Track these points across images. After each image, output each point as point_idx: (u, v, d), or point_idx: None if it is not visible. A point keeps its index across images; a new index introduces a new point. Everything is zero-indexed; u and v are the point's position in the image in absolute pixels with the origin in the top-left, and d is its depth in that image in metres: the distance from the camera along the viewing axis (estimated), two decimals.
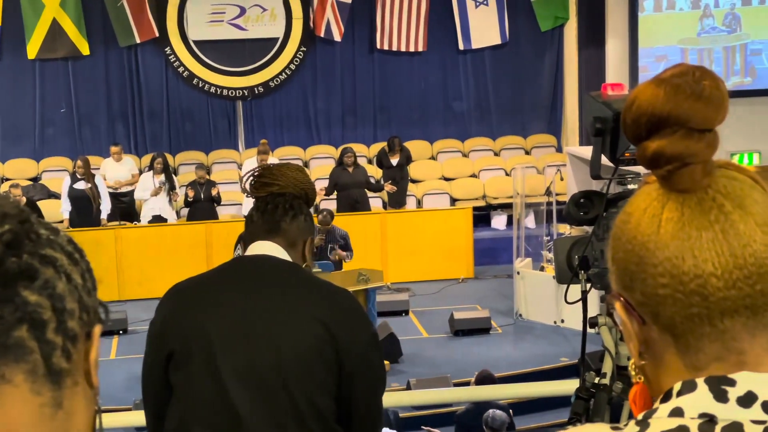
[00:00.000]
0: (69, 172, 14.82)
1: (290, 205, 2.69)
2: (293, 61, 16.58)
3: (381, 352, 2.69)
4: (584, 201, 2.67)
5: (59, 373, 0.91)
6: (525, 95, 17.01)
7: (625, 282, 1.10)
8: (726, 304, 1.04)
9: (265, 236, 2.67)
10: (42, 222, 0.94)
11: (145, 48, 16.36)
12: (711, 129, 1.07)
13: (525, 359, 10.78)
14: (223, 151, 16.67)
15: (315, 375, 2.50)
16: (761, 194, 1.08)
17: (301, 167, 2.80)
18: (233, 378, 2.49)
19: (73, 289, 0.93)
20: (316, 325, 2.51)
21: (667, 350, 1.08)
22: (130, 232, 13.76)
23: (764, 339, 1.06)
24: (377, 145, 16.15)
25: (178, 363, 2.54)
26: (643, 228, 1.08)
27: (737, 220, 1.05)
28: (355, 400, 2.57)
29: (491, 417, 7.77)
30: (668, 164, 1.06)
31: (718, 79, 1.08)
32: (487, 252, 14.58)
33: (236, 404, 2.47)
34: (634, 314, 1.09)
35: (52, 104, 16.33)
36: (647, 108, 1.07)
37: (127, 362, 10.83)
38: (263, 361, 2.49)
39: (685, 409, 1.03)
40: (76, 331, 0.93)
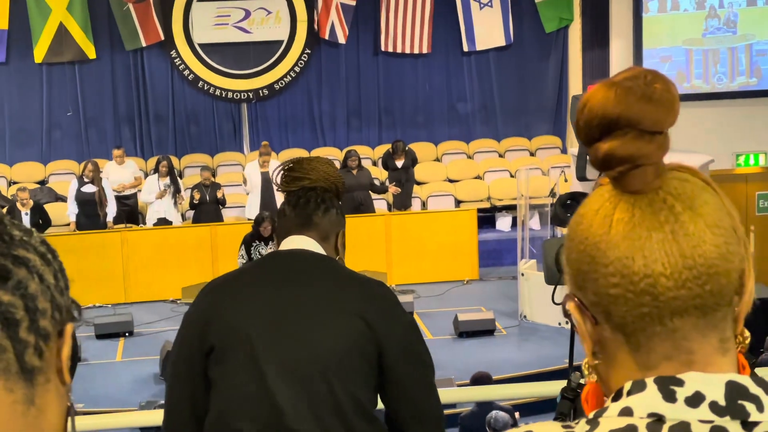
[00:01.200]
0: (76, 175, 14.87)
1: (322, 199, 2.71)
2: (298, 63, 16.61)
3: (421, 338, 2.68)
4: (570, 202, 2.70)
5: (32, 371, 0.93)
6: (529, 97, 17.01)
7: (578, 282, 1.11)
8: (676, 304, 1.05)
9: (298, 230, 2.70)
10: (15, 224, 0.96)
11: (151, 51, 16.40)
12: (662, 131, 1.08)
13: (529, 361, 10.77)
14: (228, 153, 16.71)
15: (355, 368, 2.52)
16: (712, 196, 1.09)
17: (330, 161, 2.81)
18: (274, 372, 2.51)
19: (46, 289, 0.94)
20: (354, 319, 2.54)
21: (620, 349, 1.09)
22: (136, 234, 13.80)
23: (714, 339, 1.07)
24: (382, 147, 16.17)
25: (218, 358, 2.55)
26: (594, 229, 1.09)
27: (687, 221, 1.06)
28: (404, 389, 2.58)
29: (494, 418, 7.77)
30: (619, 165, 1.07)
31: (669, 83, 1.09)
32: (491, 253, 14.58)
33: (278, 398, 2.49)
34: (587, 314, 1.10)
35: (59, 108, 16.38)
36: (599, 110, 1.08)
37: (132, 364, 10.86)
38: (304, 355, 2.51)
39: (634, 409, 1.04)
40: (49, 329, 0.94)
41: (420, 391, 2.61)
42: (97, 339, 11.68)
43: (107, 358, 11.18)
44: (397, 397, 2.59)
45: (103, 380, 10.23)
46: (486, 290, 13.61)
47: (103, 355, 11.23)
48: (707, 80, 15.83)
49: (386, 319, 2.57)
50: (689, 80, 15.71)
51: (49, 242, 0.99)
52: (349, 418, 2.51)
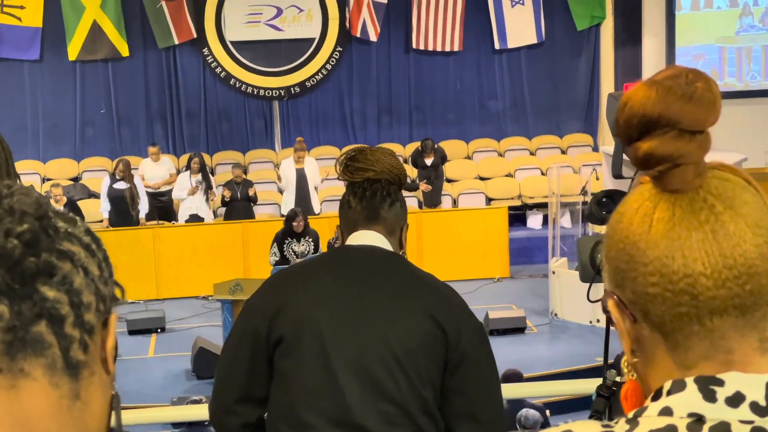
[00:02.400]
0: (108, 172, 14.98)
1: (387, 192, 2.69)
2: (329, 61, 16.64)
3: (488, 343, 2.67)
4: (606, 200, 2.68)
5: (77, 365, 0.94)
6: (561, 94, 16.95)
7: (617, 280, 1.11)
8: (715, 304, 1.05)
9: (365, 224, 2.68)
10: (60, 214, 0.97)
11: (183, 49, 16.49)
12: (702, 130, 1.08)
13: (560, 359, 10.74)
14: (259, 150, 16.76)
15: (423, 368, 2.52)
16: (752, 195, 1.09)
17: (392, 152, 2.78)
18: (343, 368, 2.51)
19: (90, 282, 0.95)
20: (424, 319, 2.53)
21: (658, 348, 1.09)
22: (168, 231, 13.87)
23: (753, 338, 1.07)
24: (413, 144, 16.16)
25: (287, 350, 2.56)
26: (634, 227, 1.09)
27: (727, 221, 1.06)
28: (466, 391, 2.57)
29: (524, 416, 7.76)
30: (659, 165, 1.07)
31: (711, 81, 1.09)
32: (522, 251, 14.55)
33: (345, 393, 2.50)
34: (626, 312, 1.11)
35: (92, 105, 16.51)
36: (639, 109, 1.08)
37: (164, 360, 10.92)
38: (373, 352, 2.51)
39: (674, 408, 1.05)
40: (93, 323, 0.96)
41: (479, 395, 2.59)
42: (129, 335, 11.76)
43: (140, 354, 11.25)
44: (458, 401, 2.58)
45: (135, 376, 10.29)
46: (517, 288, 13.58)
47: (136, 350, 11.30)
48: (740, 78, 15.71)
49: (456, 321, 2.56)
50: (722, 78, 15.59)
51: (93, 231, 1.00)
52: (414, 415, 2.51)
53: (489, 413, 2.61)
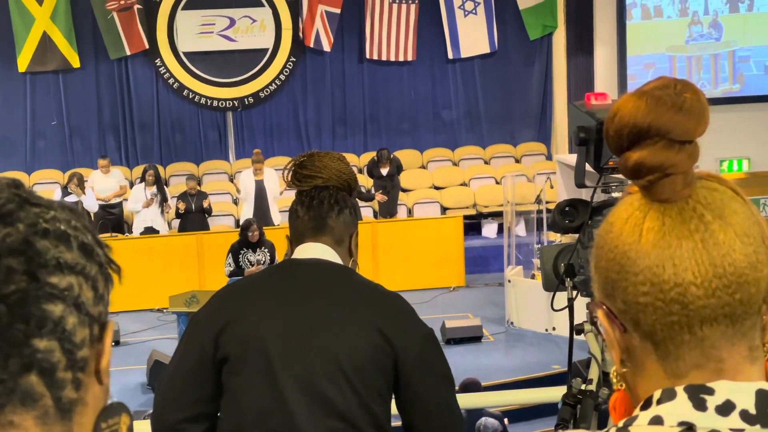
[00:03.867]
0: (60, 185, 14.81)
1: (335, 200, 2.64)
2: (283, 71, 16.60)
3: (439, 350, 2.64)
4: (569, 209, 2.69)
5: (69, 407, 0.91)
6: (514, 104, 17.05)
7: (607, 290, 1.11)
8: (705, 313, 1.05)
9: (312, 234, 2.64)
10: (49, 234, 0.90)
11: (136, 60, 16.36)
12: (691, 140, 1.09)
13: (517, 367, 10.80)
14: (213, 162, 16.67)
15: (372, 383, 2.50)
16: (741, 205, 1.10)
17: (341, 156, 2.74)
18: (290, 385, 2.47)
19: (84, 316, 0.91)
20: (372, 333, 2.50)
21: (648, 358, 1.09)
22: (122, 243, 13.74)
23: (743, 347, 1.07)
24: (368, 154, 16.16)
25: (233, 368, 2.52)
26: (624, 237, 1.09)
27: (717, 230, 1.06)
28: (421, 401, 2.55)
29: (483, 425, 7.78)
30: (649, 174, 1.08)
31: (699, 92, 1.10)
32: (478, 260, 14.60)
33: (293, 411, 2.47)
34: (616, 322, 1.11)
35: (43, 117, 16.32)
36: (629, 119, 1.09)
37: (119, 374, 10.81)
38: (321, 369, 2.48)
39: (664, 417, 1.05)
40: (86, 355, 0.92)
41: (437, 404, 2.58)
42: None
43: None
44: (415, 410, 2.57)
45: None
46: (473, 297, 13.63)
47: None
48: None
49: (404, 332, 2.54)
50: None
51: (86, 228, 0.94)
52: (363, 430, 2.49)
53: (446, 419, 2.60)
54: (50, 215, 0.92)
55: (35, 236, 0.90)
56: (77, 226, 0.94)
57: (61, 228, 0.92)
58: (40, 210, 0.92)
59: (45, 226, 0.91)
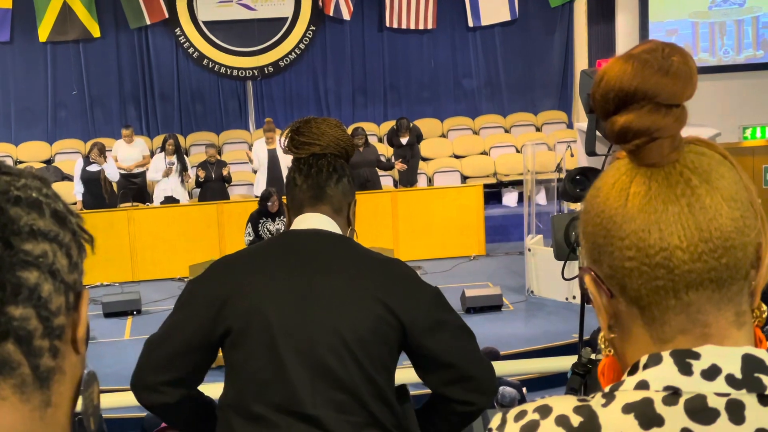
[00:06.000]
0: (82, 154, 14.88)
1: (334, 168, 2.61)
2: (302, 40, 16.56)
3: (448, 306, 2.58)
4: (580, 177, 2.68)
5: (47, 375, 0.91)
6: (535, 72, 16.95)
7: (594, 255, 1.11)
8: (691, 277, 1.05)
9: (311, 203, 2.61)
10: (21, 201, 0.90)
11: (156, 30, 16.37)
12: (679, 104, 1.07)
13: (537, 336, 10.79)
14: (233, 131, 16.70)
15: (374, 353, 2.47)
16: (728, 169, 1.09)
17: (339, 123, 2.70)
18: (292, 358, 2.46)
19: (59, 283, 0.91)
20: (374, 304, 2.48)
21: (635, 323, 1.09)
22: (143, 213, 13.81)
23: (729, 312, 1.07)
24: (387, 123, 16.14)
25: (235, 342, 2.50)
26: (611, 202, 1.09)
27: (703, 195, 1.06)
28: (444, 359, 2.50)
29: (501, 394, 7.79)
30: (636, 138, 1.07)
31: (687, 56, 1.09)
32: (498, 229, 14.58)
33: (295, 383, 2.46)
34: (603, 287, 1.10)
35: (64, 87, 16.37)
36: (615, 83, 1.08)
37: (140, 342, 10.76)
38: (323, 341, 2.46)
39: (650, 382, 1.05)
40: (63, 323, 0.92)
41: (458, 358, 2.52)
42: (105, 317, 11.72)
43: (115, 337, 11.21)
44: (436, 369, 2.52)
45: (111, 359, 10.25)
46: (493, 266, 13.61)
47: (112, 333, 11.26)
48: (714, 53, 15.76)
49: (408, 299, 2.51)
50: (696, 53, 15.63)
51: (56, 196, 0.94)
52: (367, 402, 2.48)
53: (474, 369, 2.54)
54: (21, 183, 0.91)
55: (7, 203, 0.89)
56: (48, 193, 0.93)
57: (33, 195, 0.91)
58: (11, 178, 0.91)
59: (17, 193, 0.90)
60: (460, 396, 2.54)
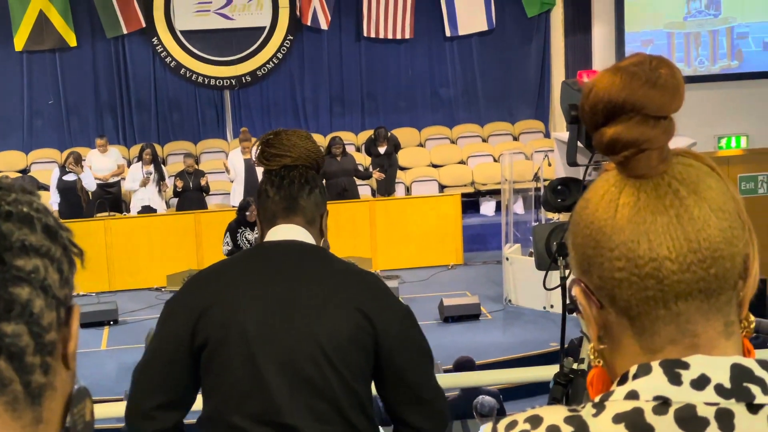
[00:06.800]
0: (58, 163, 14.80)
1: (306, 179, 2.63)
2: (280, 49, 16.56)
3: (418, 326, 2.62)
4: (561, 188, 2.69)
5: (39, 391, 0.90)
6: (512, 81, 17.01)
7: (584, 266, 1.11)
8: (680, 287, 1.06)
9: (284, 215, 2.62)
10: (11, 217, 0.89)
11: (132, 39, 16.31)
12: (666, 116, 1.09)
13: (515, 345, 10.81)
14: (211, 140, 16.65)
15: (352, 361, 2.48)
16: (716, 180, 1.10)
17: (309, 135, 2.71)
18: (271, 368, 2.46)
19: (51, 299, 0.90)
20: (352, 312, 2.49)
21: (624, 333, 1.10)
22: (120, 222, 13.75)
23: (718, 322, 1.08)
24: (365, 132, 16.14)
25: (213, 354, 2.50)
26: (600, 213, 1.10)
27: (692, 205, 1.07)
28: (404, 378, 2.54)
29: (480, 403, 7.79)
30: (624, 150, 1.08)
31: (674, 68, 1.10)
32: (476, 238, 14.60)
33: (274, 393, 2.46)
34: (593, 298, 1.11)
35: (40, 96, 16.29)
36: (604, 95, 1.08)
37: (117, 353, 10.83)
38: (301, 350, 2.46)
39: (640, 392, 1.05)
40: (54, 338, 0.91)
41: (418, 378, 2.57)
42: (81, 328, 11.59)
43: (92, 347, 11.15)
44: (396, 386, 2.55)
45: (87, 369, 10.19)
46: (471, 275, 13.63)
47: (88, 343, 11.19)
48: (689, 63, 15.87)
49: (384, 310, 2.53)
50: None
51: (47, 210, 0.93)
52: (346, 411, 2.49)
53: (431, 394, 2.58)
54: (12, 197, 0.90)
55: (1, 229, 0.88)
56: (39, 208, 0.92)
57: (24, 210, 0.90)
58: (2, 192, 0.90)
59: (8, 208, 0.89)
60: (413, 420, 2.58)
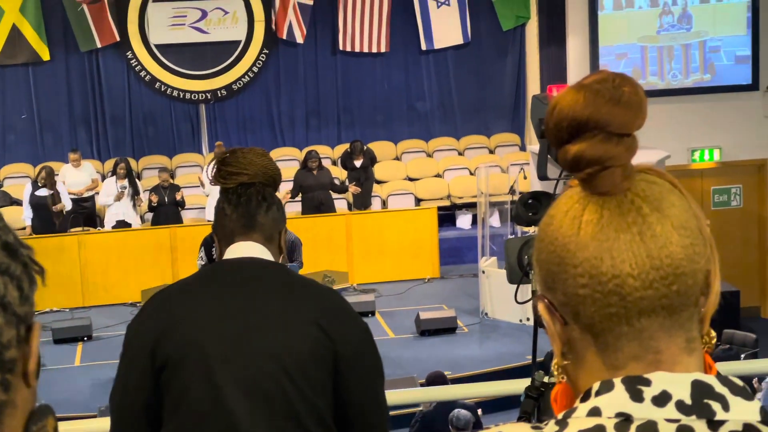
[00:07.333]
0: (31, 178, 14.72)
1: (263, 196, 2.62)
2: (256, 63, 16.55)
3: (374, 346, 2.62)
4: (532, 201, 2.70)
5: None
6: (488, 94, 17.06)
7: (548, 283, 1.12)
8: (643, 304, 1.06)
9: (242, 232, 2.60)
10: None
11: (107, 52, 16.26)
12: (630, 133, 1.09)
13: (491, 358, 10.84)
14: (186, 154, 16.60)
15: (314, 378, 2.47)
16: (679, 198, 1.10)
17: (265, 152, 2.70)
18: (231, 386, 2.44)
19: (11, 316, 0.90)
20: (311, 328, 2.48)
21: (588, 350, 1.10)
22: (94, 237, 13.68)
23: (680, 338, 1.08)
24: (341, 146, 16.15)
25: (172, 375, 2.48)
26: (564, 230, 1.10)
27: (654, 223, 1.07)
28: (355, 396, 2.53)
29: (456, 416, 7.80)
30: (588, 167, 1.08)
31: (637, 86, 1.10)
32: (452, 251, 14.63)
33: (234, 412, 2.44)
34: (557, 315, 1.11)
35: (13, 110, 16.19)
36: (568, 112, 1.09)
37: (91, 369, 10.77)
38: (261, 367, 2.45)
39: (602, 409, 1.05)
40: (14, 356, 0.91)
41: (368, 398, 2.56)
42: (55, 344, 11.58)
43: (65, 363, 11.08)
44: (345, 402, 2.54)
45: (61, 385, 10.13)
46: (447, 288, 13.65)
47: (62, 360, 11.12)
48: (662, 77, 15.97)
49: (342, 326, 2.52)
50: (644, 77, 15.83)
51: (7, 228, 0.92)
52: (308, 427, 2.47)
53: (376, 418, 2.58)
54: None
55: None
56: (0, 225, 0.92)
57: None
58: None
59: None
60: None
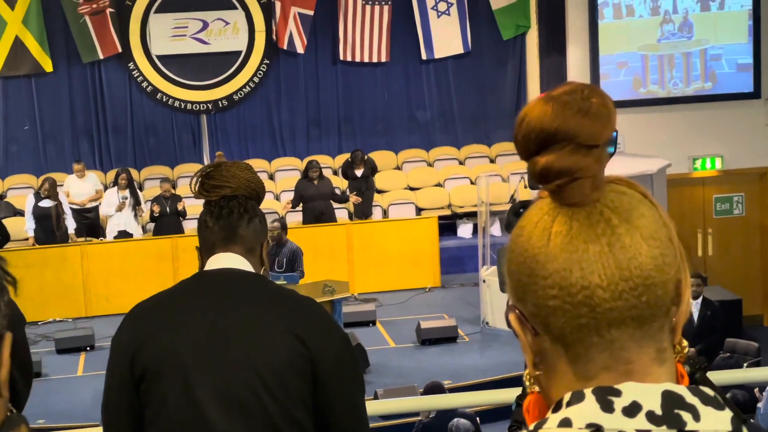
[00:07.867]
0: (34, 189, 14.75)
1: (245, 209, 2.63)
2: (257, 73, 16.58)
3: (354, 355, 2.65)
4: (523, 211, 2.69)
5: None
6: (488, 104, 17.06)
7: (519, 294, 1.12)
8: (613, 315, 1.06)
9: (223, 244, 2.62)
10: None
11: (109, 64, 16.30)
12: (598, 145, 1.09)
13: (492, 367, 10.82)
14: (188, 165, 16.60)
15: (291, 388, 2.47)
16: (649, 209, 1.10)
17: (248, 165, 2.72)
18: (209, 398, 2.45)
19: None
20: (288, 338, 2.48)
21: (559, 360, 1.10)
22: (96, 248, 13.69)
23: (651, 349, 1.08)
24: (342, 156, 16.17)
25: (150, 386, 2.49)
26: (534, 241, 1.10)
27: (623, 234, 1.07)
28: (334, 406, 2.54)
29: (456, 426, 7.79)
30: (557, 179, 1.08)
31: (605, 97, 1.10)
32: (453, 261, 14.62)
33: (213, 423, 2.44)
34: (527, 326, 1.12)
35: (16, 122, 16.23)
36: (536, 124, 1.09)
37: (94, 378, 10.74)
38: (239, 378, 2.46)
39: (573, 420, 1.05)
40: None
41: (347, 406, 2.57)
42: (57, 353, 11.59)
43: (68, 373, 11.08)
44: (323, 411, 2.55)
45: (64, 395, 10.13)
46: (448, 297, 13.64)
47: (64, 369, 11.12)
48: (663, 85, 15.97)
49: (320, 335, 2.53)
50: (645, 86, 15.85)
51: None
52: None
53: (356, 425, 2.59)
54: None
55: None
56: None
57: None
58: None
59: None
60: None
